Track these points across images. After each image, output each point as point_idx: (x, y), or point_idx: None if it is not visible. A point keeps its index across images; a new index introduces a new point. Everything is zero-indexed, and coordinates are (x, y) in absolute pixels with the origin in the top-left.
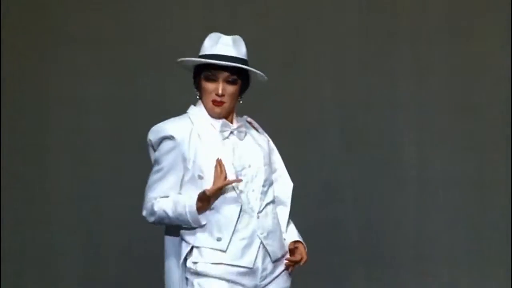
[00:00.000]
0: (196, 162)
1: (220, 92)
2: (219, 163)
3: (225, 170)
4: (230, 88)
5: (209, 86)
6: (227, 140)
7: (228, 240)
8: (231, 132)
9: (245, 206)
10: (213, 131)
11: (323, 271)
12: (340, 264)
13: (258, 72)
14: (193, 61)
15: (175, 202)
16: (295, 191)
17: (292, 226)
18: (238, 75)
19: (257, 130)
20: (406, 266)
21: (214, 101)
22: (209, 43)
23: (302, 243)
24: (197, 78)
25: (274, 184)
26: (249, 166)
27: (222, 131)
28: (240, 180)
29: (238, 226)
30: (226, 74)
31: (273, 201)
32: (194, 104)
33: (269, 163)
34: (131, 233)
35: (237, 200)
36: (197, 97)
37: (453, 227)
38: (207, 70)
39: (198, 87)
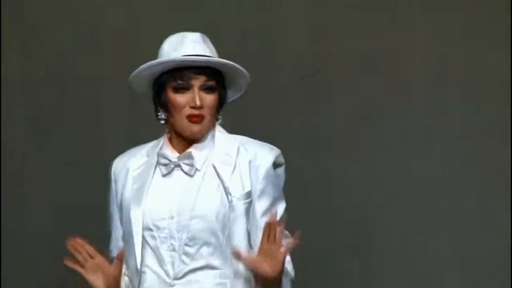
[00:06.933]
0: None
1: (197, 102)
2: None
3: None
4: (210, 98)
5: (180, 99)
6: (168, 178)
7: None
8: (177, 166)
9: (156, 268)
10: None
11: None
12: None
13: (239, 68)
14: (150, 65)
15: None
16: None
17: None
18: (216, 82)
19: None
20: None
21: (191, 117)
22: (170, 46)
23: None
24: (160, 97)
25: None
26: (171, 217)
27: (161, 164)
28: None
29: None
30: (203, 78)
31: (214, 267)
32: None
33: (224, 216)
34: None
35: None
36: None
37: None
38: (173, 80)
39: (163, 107)
